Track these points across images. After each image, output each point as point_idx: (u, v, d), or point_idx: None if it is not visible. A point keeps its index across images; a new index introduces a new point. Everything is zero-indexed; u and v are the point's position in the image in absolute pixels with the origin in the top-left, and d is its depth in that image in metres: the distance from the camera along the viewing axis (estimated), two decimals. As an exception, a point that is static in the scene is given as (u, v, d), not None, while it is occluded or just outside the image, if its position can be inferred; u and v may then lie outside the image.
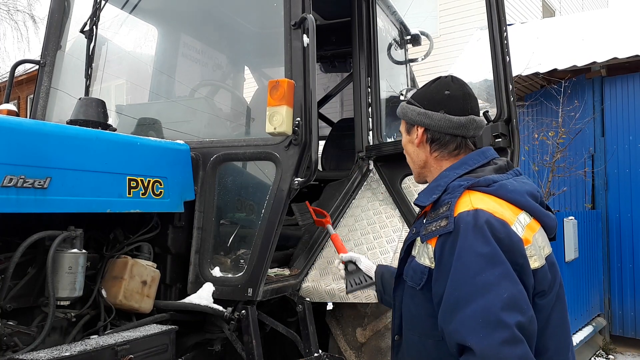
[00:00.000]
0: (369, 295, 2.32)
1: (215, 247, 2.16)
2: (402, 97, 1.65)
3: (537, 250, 1.24)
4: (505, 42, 2.35)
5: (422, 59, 4.04)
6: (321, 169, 3.86)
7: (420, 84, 4.56)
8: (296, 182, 2.06)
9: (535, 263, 1.21)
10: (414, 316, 1.32)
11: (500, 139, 2.27)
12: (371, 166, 2.95)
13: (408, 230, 2.55)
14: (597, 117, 6.46)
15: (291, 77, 2.14)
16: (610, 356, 6.26)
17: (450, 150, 1.39)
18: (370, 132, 2.97)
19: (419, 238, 1.32)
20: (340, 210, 2.75)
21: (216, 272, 2.10)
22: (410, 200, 2.67)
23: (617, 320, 6.48)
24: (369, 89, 3.01)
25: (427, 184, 1.43)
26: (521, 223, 1.23)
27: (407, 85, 3.98)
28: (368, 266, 1.83)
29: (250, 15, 3.02)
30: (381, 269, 1.80)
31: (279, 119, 1.95)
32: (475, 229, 1.17)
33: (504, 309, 1.09)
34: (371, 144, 2.94)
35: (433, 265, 1.24)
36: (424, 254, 1.27)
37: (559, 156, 5.79)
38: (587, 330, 5.91)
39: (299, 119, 2.06)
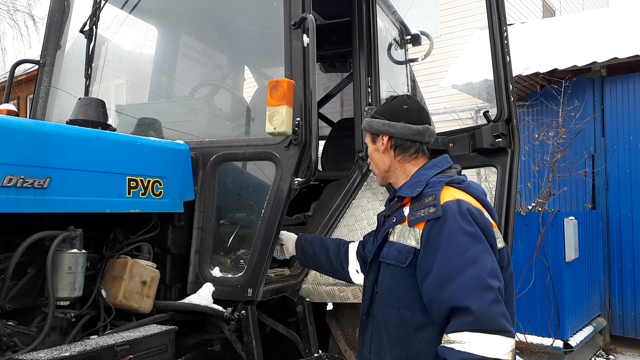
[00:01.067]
0: (369, 296, 2.32)
1: (215, 247, 2.16)
2: (365, 114, 1.75)
3: (499, 235, 1.56)
4: (506, 42, 2.35)
5: (423, 59, 4.04)
6: (321, 169, 3.86)
7: (420, 84, 4.56)
8: (296, 182, 2.06)
9: (499, 244, 1.54)
10: (394, 292, 1.53)
11: (500, 139, 2.26)
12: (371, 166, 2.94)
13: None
14: (597, 117, 6.46)
15: (291, 77, 2.13)
16: (611, 356, 6.26)
17: (410, 154, 1.67)
18: (371, 132, 2.97)
19: (400, 225, 1.55)
20: (340, 210, 2.74)
21: (216, 272, 2.10)
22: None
23: (617, 321, 6.48)
24: (369, 89, 3.01)
25: (398, 185, 1.68)
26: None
27: (408, 85, 3.97)
28: (288, 236, 2.17)
29: (250, 15, 3.02)
30: (300, 239, 2.12)
31: (279, 119, 1.95)
32: (460, 214, 1.44)
33: (489, 276, 1.38)
34: (371, 143, 2.94)
35: (419, 246, 1.47)
36: (410, 237, 1.50)
37: (559, 156, 5.78)
38: (588, 331, 5.91)
39: (299, 118, 2.06)
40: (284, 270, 2.42)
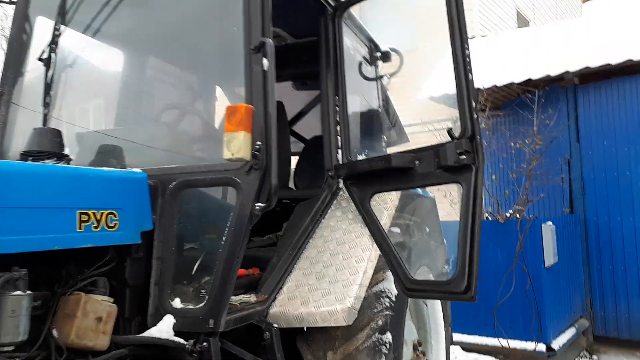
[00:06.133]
0: (337, 318, 2.29)
1: (176, 277, 2.11)
2: None
3: None
4: (468, 59, 2.35)
5: (389, 77, 4.03)
6: (294, 187, 3.82)
7: (398, 97, 4.53)
8: (257, 207, 2.03)
9: None
10: None
11: (464, 156, 2.25)
12: (341, 184, 2.92)
13: (377, 249, 2.53)
14: (571, 124, 6.55)
15: (251, 101, 2.11)
16: (594, 356, 6.32)
17: None
18: (340, 150, 2.96)
19: None
20: (309, 231, 2.71)
21: (177, 303, 2.05)
22: (379, 219, 2.64)
23: (599, 321, 6.55)
24: (337, 107, 3.00)
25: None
26: None
27: (379, 100, 3.97)
28: None
29: (214, 39, 2.99)
30: None
31: (237, 145, 1.92)
32: None
33: None
34: (340, 162, 2.92)
35: None
36: None
37: (535, 164, 5.84)
38: (570, 333, 5.95)
39: (259, 142, 2.03)
40: (250, 297, 2.37)
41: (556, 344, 5.49)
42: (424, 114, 7.59)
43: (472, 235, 2.10)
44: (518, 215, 5.74)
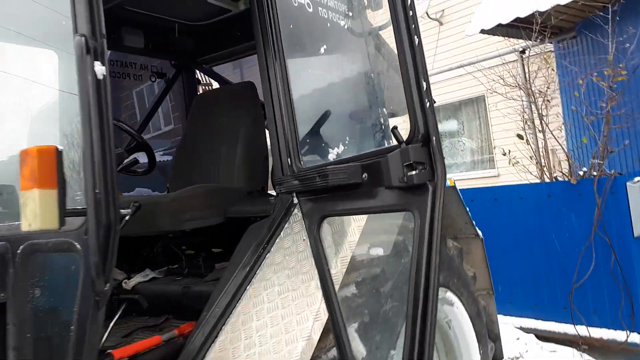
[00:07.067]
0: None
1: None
2: None
3: None
4: (411, 12, 1.48)
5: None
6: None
7: (444, 37, 3.52)
8: (104, 286, 1.42)
9: None
10: None
11: (414, 171, 1.43)
12: (295, 200, 2.20)
13: (324, 302, 1.82)
14: (664, 41, 5.02)
15: (89, 116, 1.46)
16: None
17: None
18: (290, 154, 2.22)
19: None
20: (248, 272, 2.06)
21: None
22: (334, 252, 1.92)
23: None
24: (280, 98, 2.22)
25: None
26: None
27: (369, 64, 3.09)
28: None
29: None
30: None
31: (32, 210, 1.30)
32: None
33: None
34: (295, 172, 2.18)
35: None
36: None
37: (613, 103, 4.53)
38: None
39: (97, 190, 1.40)
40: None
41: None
42: (471, 52, 6.36)
43: (425, 297, 1.33)
44: (595, 173, 4.56)
